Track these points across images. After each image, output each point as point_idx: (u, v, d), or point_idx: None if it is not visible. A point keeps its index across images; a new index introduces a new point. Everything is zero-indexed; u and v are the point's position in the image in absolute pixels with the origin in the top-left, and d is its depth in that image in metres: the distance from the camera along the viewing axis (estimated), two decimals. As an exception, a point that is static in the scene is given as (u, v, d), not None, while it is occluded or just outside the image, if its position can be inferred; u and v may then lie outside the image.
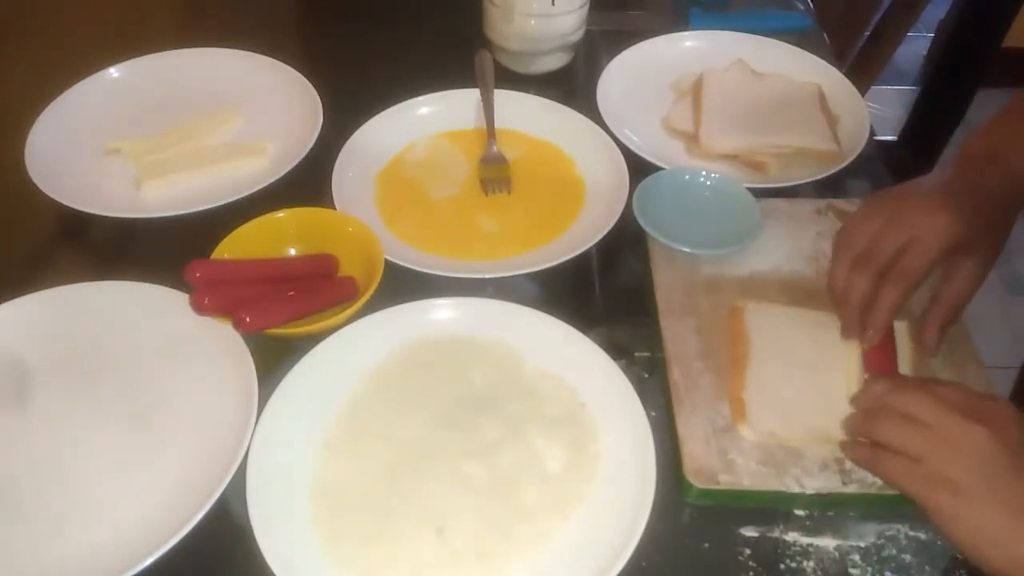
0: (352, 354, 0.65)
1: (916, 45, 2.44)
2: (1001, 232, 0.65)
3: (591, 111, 0.88)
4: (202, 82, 0.93)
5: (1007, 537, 0.49)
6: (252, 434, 0.59)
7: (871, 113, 0.89)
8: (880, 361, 0.63)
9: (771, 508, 0.59)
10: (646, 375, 0.67)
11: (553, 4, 0.90)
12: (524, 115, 0.88)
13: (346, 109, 0.87)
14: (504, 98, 0.88)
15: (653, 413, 0.62)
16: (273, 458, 0.59)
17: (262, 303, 0.64)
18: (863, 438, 0.57)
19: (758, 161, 0.83)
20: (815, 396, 0.62)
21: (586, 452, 0.61)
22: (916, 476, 0.52)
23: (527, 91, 0.90)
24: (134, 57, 0.94)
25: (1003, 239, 0.65)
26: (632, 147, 0.83)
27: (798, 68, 0.95)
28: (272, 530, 0.54)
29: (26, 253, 0.79)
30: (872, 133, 0.86)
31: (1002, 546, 0.49)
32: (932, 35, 2.41)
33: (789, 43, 0.98)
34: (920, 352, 0.65)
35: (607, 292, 0.76)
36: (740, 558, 0.56)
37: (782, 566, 0.56)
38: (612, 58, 0.95)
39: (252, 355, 0.63)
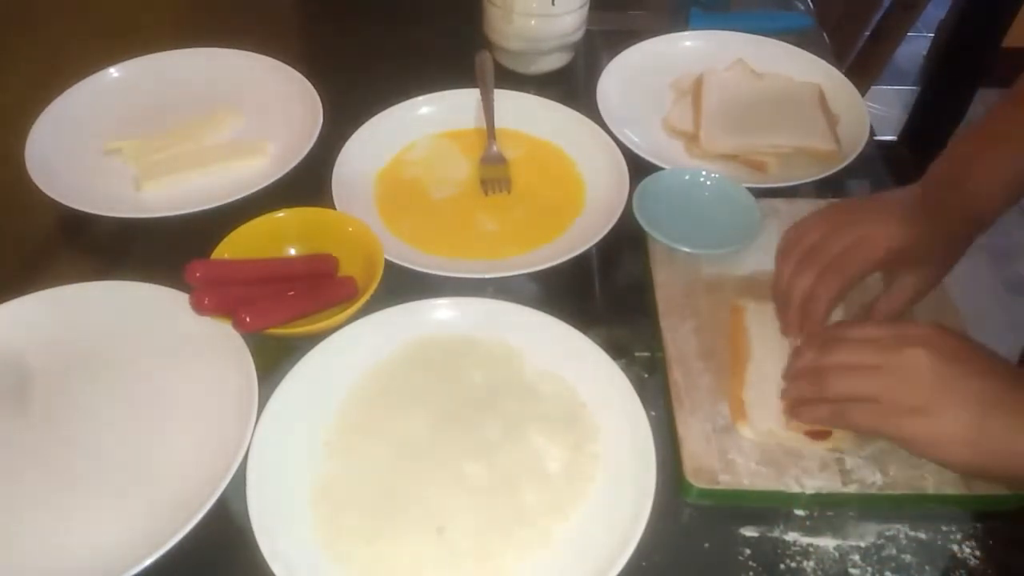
0: (352, 354, 0.65)
1: (916, 45, 2.44)
2: (950, 255, 0.65)
3: (591, 111, 0.88)
4: (202, 82, 0.93)
5: (975, 434, 0.52)
6: (252, 434, 0.59)
7: (871, 113, 0.89)
8: None
9: (771, 508, 0.59)
10: (646, 375, 0.67)
11: (553, 4, 0.90)
12: (524, 115, 0.88)
13: (346, 109, 0.87)
14: (504, 98, 0.88)
15: (653, 413, 0.62)
16: (273, 458, 0.59)
17: (262, 303, 0.64)
18: (802, 401, 0.59)
19: (758, 161, 0.83)
20: (815, 396, 0.62)
21: (586, 452, 0.61)
22: (881, 414, 0.55)
23: (527, 91, 0.90)
24: (134, 57, 0.94)
25: (952, 262, 0.65)
26: (632, 147, 0.83)
27: (798, 68, 0.95)
28: (272, 530, 0.54)
29: (26, 253, 0.79)
30: (872, 133, 0.86)
31: (973, 443, 0.52)
32: (932, 35, 2.41)
33: (789, 43, 0.98)
34: None
35: (607, 292, 0.76)
36: (740, 558, 0.56)
37: (782, 566, 0.56)
38: (612, 58, 0.95)
39: (252, 355, 0.63)
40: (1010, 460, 0.52)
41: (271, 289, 0.67)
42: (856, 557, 0.56)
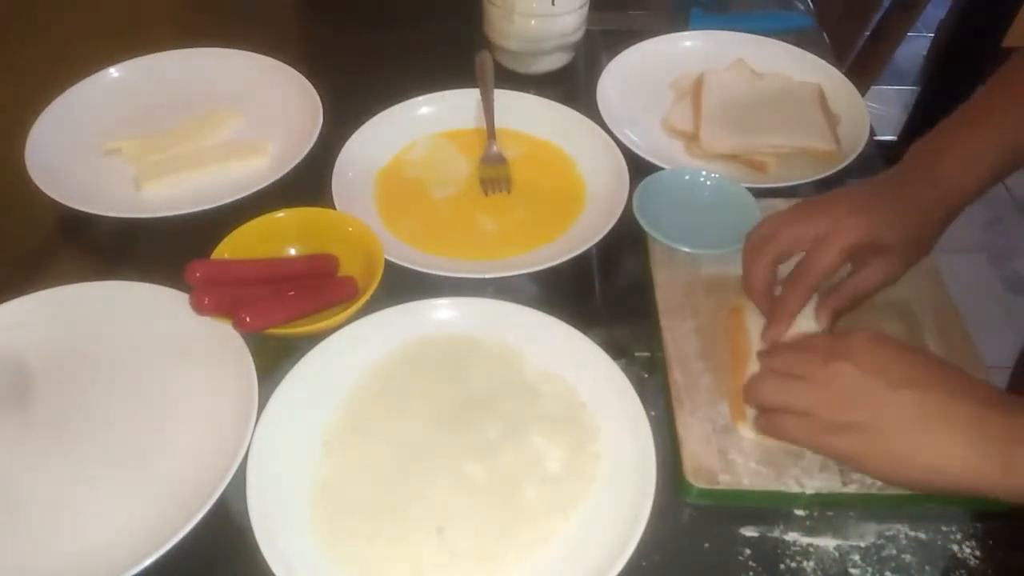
0: (352, 354, 0.65)
1: (916, 45, 2.44)
2: (923, 241, 0.65)
3: (591, 111, 0.88)
4: (202, 82, 0.93)
5: (911, 452, 0.51)
6: (252, 434, 0.59)
7: (871, 113, 0.89)
8: None
9: (771, 508, 0.59)
10: (646, 375, 0.67)
11: (553, 4, 0.90)
12: (524, 115, 0.88)
13: (346, 109, 0.87)
14: (504, 98, 0.88)
15: (653, 413, 0.62)
16: (273, 458, 0.59)
17: (262, 303, 0.64)
18: (756, 405, 0.59)
19: (758, 161, 0.84)
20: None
21: (586, 452, 0.61)
22: (810, 429, 0.55)
23: (527, 91, 0.90)
24: (134, 57, 0.94)
25: (922, 248, 0.65)
26: (632, 147, 0.83)
27: (798, 68, 0.95)
28: (272, 530, 0.54)
29: (26, 253, 0.79)
30: (872, 133, 0.86)
31: (909, 463, 0.51)
32: (932, 35, 2.41)
33: (789, 43, 0.98)
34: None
35: (607, 292, 0.76)
36: (740, 558, 0.56)
37: (782, 566, 0.56)
38: (612, 58, 0.95)
39: (252, 355, 0.63)
40: (940, 477, 0.51)
41: (271, 289, 0.67)
42: (856, 557, 0.56)
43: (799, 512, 0.59)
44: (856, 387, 0.53)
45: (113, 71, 0.93)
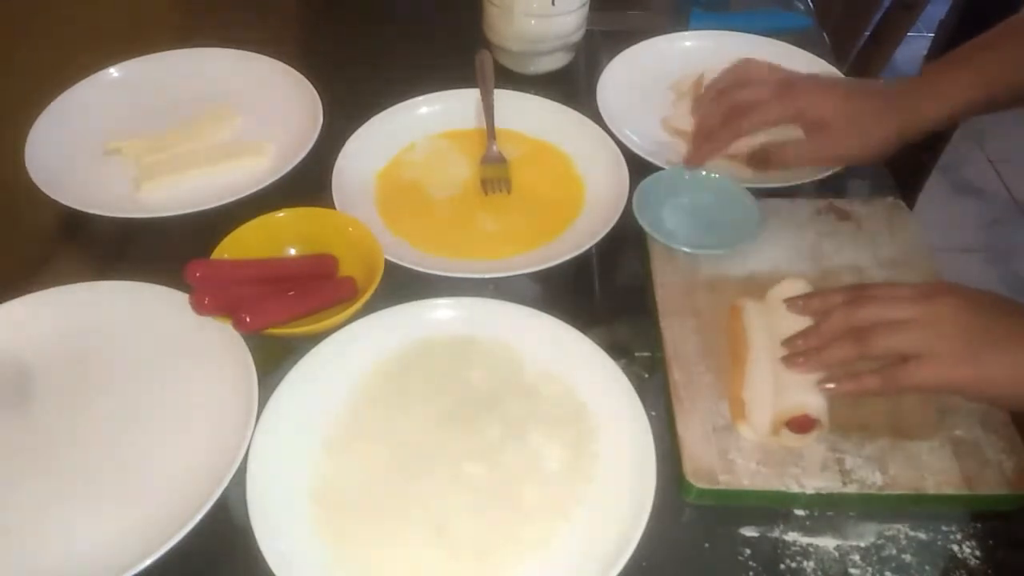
0: (352, 354, 0.65)
1: (916, 45, 2.44)
2: (872, 140, 0.70)
3: (591, 111, 0.88)
4: (202, 82, 0.93)
5: (1020, 371, 0.54)
6: (252, 434, 0.59)
7: (871, 113, 0.88)
8: None
9: (771, 508, 0.59)
10: (646, 375, 0.67)
11: (553, 4, 0.90)
12: (524, 115, 0.88)
13: (346, 109, 0.87)
14: (504, 98, 0.88)
15: (653, 413, 0.62)
16: (273, 458, 0.59)
17: (262, 303, 0.64)
18: (840, 362, 0.58)
19: (758, 161, 0.83)
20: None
21: (586, 452, 0.61)
22: (930, 368, 0.55)
23: (527, 91, 0.90)
24: (134, 57, 0.94)
25: (872, 148, 0.70)
26: (632, 147, 0.83)
27: (798, 68, 0.95)
28: (272, 530, 0.54)
29: (26, 253, 0.79)
30: (872, 133, 0.86)
31: (1019, 380, 0.54)
32: (932, 35, 2.41)
33: (789, 43, 0.98)
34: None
35: (607, 292, 0.76)
36: (740, 558, 0.56)
37: (782, 566, 0.56)
38: (612, 58, 0.95)
39: (252, 355, 0.63)
40: None
41: (271, 289, 0.67)
42: (856, 557, 0.56)
43: (799, 512, 0.59)
44: (965, 319, 0.55)
45: (113, 71, 0.93)
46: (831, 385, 0.58)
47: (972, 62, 0.70)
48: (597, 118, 0.87)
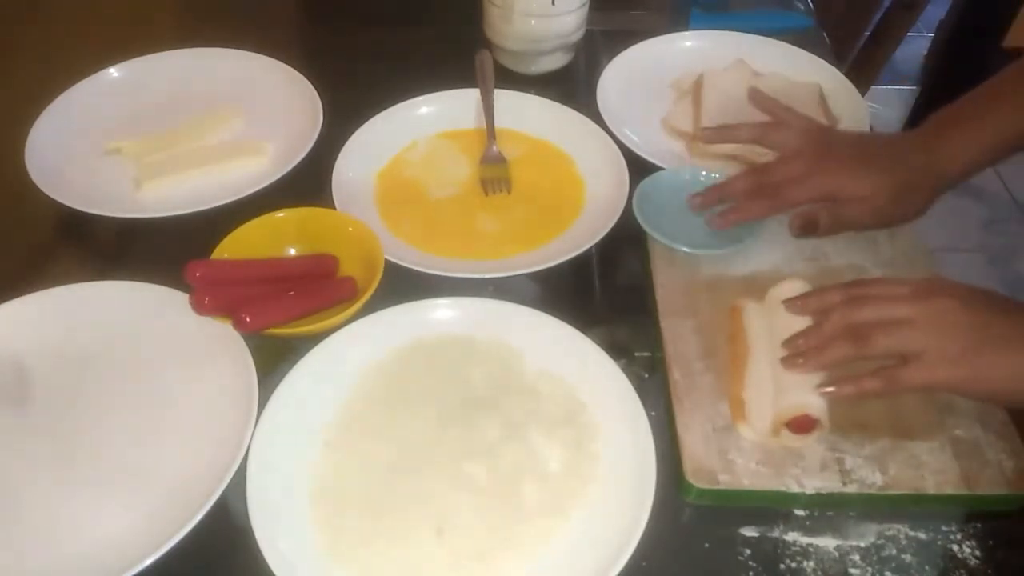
0: (352, 354, 0.65)
1: (916, 45, 2.44)
2: (900, 202, 0.69)
3: (591, 111, 0.88)
4: (202, 82, 0.93)
5: (1018, 369, 0.54)
6: (252, 434, 0.59)
7: (871, 113, 0.89)
8: None
9: (771, 508, 0.59)
10: (646, 375, 0.67)
11: (553, 4, 0.90)
12: (524, 115, 0.88)
13: (346, 109, 0.87)
14: (504, 98, 0.88)
15: (653, 413, 0.62)
16: (273, 458, 0.59)
17: (262, 303, 0.64)
18: (840, 362, 0.58)
19: (758, 161, 0.83)
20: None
21: (586, 452, 0.61)
22: (931, 367, 0.55)
23: (527, 91, 0.90)
24: (134, 57, 0.94)
25: (899, 210, 0.69)
26: (632, 147, 0.83)
27: (798, 68, 0.95)
28: (272, 530, 0.54)
29: (26, 253, 0.79)
30: (872, 133, 0.86)
31: (1017, 377, 0.54)
32: (932, 35, 2.41)
33: (789, 43, 0.98)
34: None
35: (607, 292, 0.76)
36: (740, 558, 0.56)
37: (782, 566, 0.56)
38: (612, 58, 0.95)
39: (252, 355, 0.63)
40: None
41: (271, 289, 0.67)
42: (856, 557, 0.56)
43: (799, 512, 0.59)
44: (964, 318, 0.55)
45: (113, 71, 0.93)
46: (830, 389, 0.58)
47: (1004, 103, 0.69)
48: (597, 118, 0.87)
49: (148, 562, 0.53)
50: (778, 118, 0.77)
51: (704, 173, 0.79)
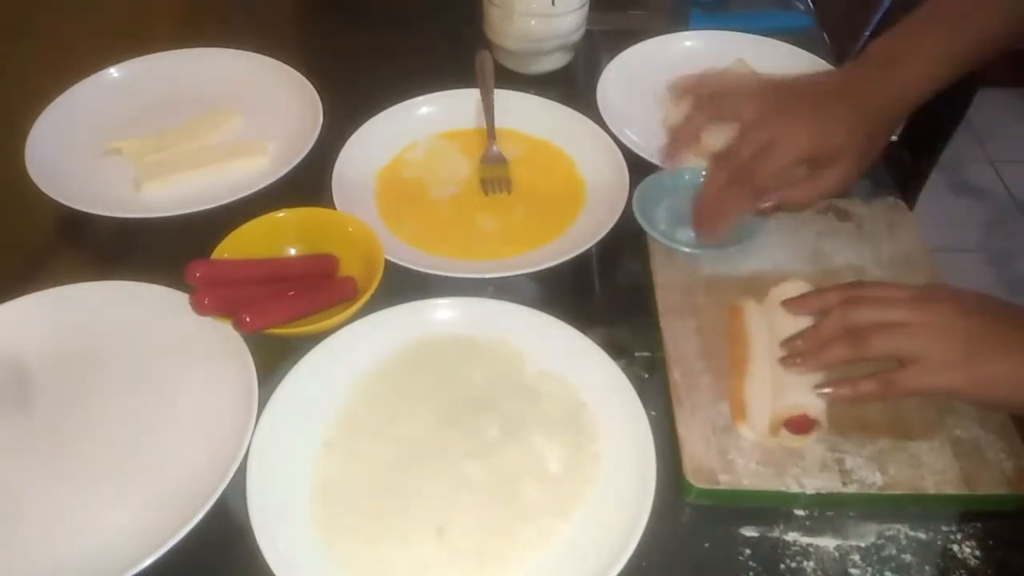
0: (352, 354, 0.65)
1: (916, 45, 2.44)
2: (871, 146, 0.67)
3: (591, 111, 0.88)
4: (202, 82, 0.93)
5: (1017, 373, 0.54)
6: (252, 434, 0.59)
7: (871, 113, 0.88)
8: None
9: (771, 508, 0.59)
10: (646, 375, 0.67)
11: (553, 4, 0.90)
12: (524, 115, 0.88)
13: (346, 109, 0.87)
14: (504, 98, 0.88)
15: (653, 413, 0.62)
16: (273, 458, 0.59)
17: (262, 303, 0.64)
18: (838, 363, 0.58)
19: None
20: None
21: (586, 452, 0.61)
22: (929, 371, 0.55)
23: (527, 91, 0.90)
24: (134, 57, 0.94)
25: (872, 153, 0.67)
26: (632, 147, 0.83)
27: (798, 68, 0.94)
28: (272, 530, 0.54)
29: (26, 253, 0.79)
30: (872, 133, 0.86)
31: (1016, 382, 0.54)
32: (932, 35, 2.41)
33: (789, 43, 0.98)
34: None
35: (607, 292, 0.76)
36: (740, 558, 0.56)
37: (782, 566, 0.56)
38: (612, 58, 0.95)
39: (252, 355, 0.63)
40: None
41: (271, 289, 0.67)
42: (856, 557, 0.56)
43: (799, 512, 0.59)
44: (962, 323, 0.55)
45: (113, 71, 0.93)
46: (828, 390, 0.58)
47: (956, 18, 0.67)
48: (597, 118, 0.87)
49: (148, 562, 0.53)
50: (718, 87, 0.72)
51: (704, 173, 0.79)
